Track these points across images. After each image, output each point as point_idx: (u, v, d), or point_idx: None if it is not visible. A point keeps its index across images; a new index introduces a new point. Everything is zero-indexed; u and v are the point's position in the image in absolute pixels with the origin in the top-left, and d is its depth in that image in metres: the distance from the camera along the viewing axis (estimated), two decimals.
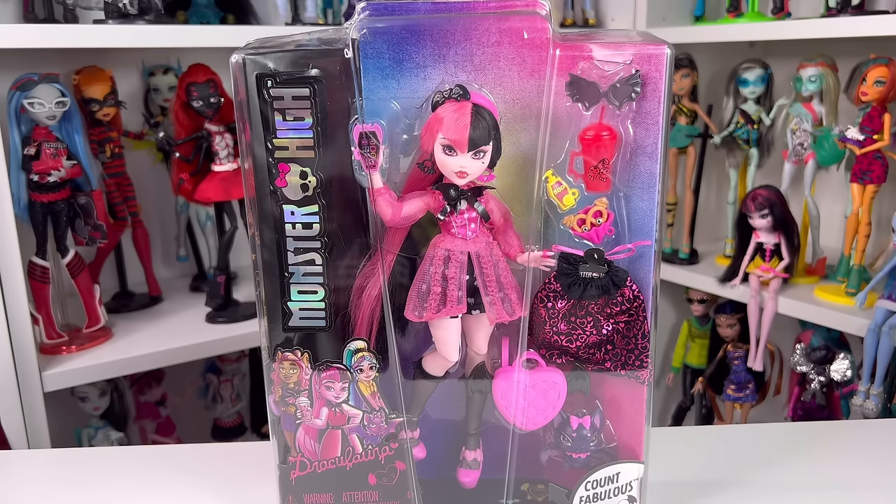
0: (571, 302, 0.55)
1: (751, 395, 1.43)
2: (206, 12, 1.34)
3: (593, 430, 0.59)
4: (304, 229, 0.53)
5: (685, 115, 1.43)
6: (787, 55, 1.45)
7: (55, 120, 1.09)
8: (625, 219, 0.54)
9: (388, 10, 0.51)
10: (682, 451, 0.74)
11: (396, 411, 0.58)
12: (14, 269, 1.04)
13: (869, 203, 1.20)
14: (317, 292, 0.55)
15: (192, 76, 1.24)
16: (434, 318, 0.55)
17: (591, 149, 0.52)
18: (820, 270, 1.35)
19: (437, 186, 0.53)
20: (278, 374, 0.56)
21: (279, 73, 0.50)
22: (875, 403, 1.16)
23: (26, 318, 1.06)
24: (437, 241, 0.54)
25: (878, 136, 1.16)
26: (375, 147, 0.51)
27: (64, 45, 1.06)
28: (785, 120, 1.34)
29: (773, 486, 0.69)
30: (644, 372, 0.57)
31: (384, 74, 0.51)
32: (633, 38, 0.53)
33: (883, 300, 1.11)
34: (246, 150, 0.52)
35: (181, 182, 1.29)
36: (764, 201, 1.27)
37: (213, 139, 1.27)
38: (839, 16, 1.20)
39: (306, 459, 0.58)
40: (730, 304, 1.44)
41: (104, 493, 0.70)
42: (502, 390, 0.57)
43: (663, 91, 0.51)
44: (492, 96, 0.52)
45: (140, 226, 1.36)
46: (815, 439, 0.78)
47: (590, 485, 0.59)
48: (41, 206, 1.11)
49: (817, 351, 1.30)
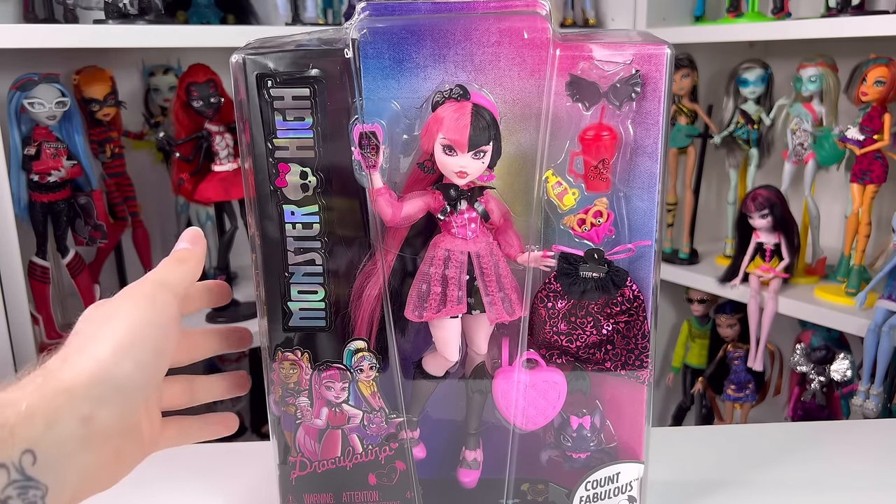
0: (571, 302, 0.55)
1: (751, 395, 1.43)
2: (206, 12, 1.34)
3: (593, 430, 0.59)
4: (304, 229, 0.53)
5: (685, 115, 1.43)
6: (787, 55, 1.45)
7: (55, 120, 1.09)
8: (625, 219, 0.54)
9: (388, 10, 0.51)
10: (682, 451, 0.74)
11: (396, 411, 0.58)
12: (14, 269, 1.04)
13: (869, 203, 1.20)
14: (317, 292, 0.55)
15: (192, 76, 1.24)
16: (434, 318, 0.55)
17: (591, 149, 0.52)
18: (820, 270, 1.35)
19: (437, 186, 0.54)
20: (278, 374, 0.56)
21: (279, 73, 0.50)
22: (875, 403, 1.16)
23: (26, 318, 1.06)
24: (437, 241, 0.54)
25: (878, 136, 1.16)
26: (375, 147, 0.51)
27: (64, 45, 1.06)
28: (785, 120, 1.34)
29: (773, 486, 0.69)
30: (644, 372, 0.57)
31: (384, 74, 0.51)
32: (633, 38, 0.53)
33: (883, 300, 1.11)
34: (246, 150, 0.52)
35: (181, 182, 1.29)
36: (764, 201, 1.27)
37: (213, 139, 1.27)
38: (839, 16, 1.21)
39: (306, 459, 0.58)
40: (730, 304, 1.44)
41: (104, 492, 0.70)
42: (502, 390, 0.57)
43: (663, 91, 0.51)
44: (492, 96, 0.52)
45: (140, 226, 1.36)
46: (815, 439, 0.78)
47: (590, 485, 0.59)
48: (41, 206, 1.11)
49: (817, 351, 1.30)
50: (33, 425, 0.38)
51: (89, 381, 0.41)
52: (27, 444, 0.38)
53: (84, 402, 0.41)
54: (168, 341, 0.47)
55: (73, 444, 0.40)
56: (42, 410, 0.39)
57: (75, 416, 0.40)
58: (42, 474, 0.38)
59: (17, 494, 0.37)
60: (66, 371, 0.41)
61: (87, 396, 0.41)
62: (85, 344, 0.43)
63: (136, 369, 0.43)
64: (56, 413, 0.39)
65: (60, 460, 0.39)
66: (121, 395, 0.43)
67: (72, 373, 0.41)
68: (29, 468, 0.38)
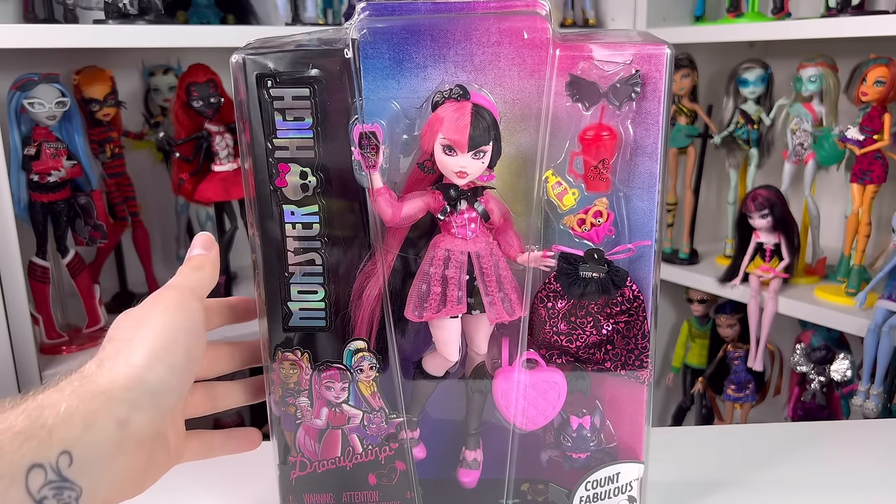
0: (571, 302, 0.55)
1: (751, 395, 1.43)
2: (206, 12, 1.34)
3: (593, 430, 0.59)
4: (304, 229, 0.53)
5: (685, 115, 1.43)
6: (787, 55, 1.45)
7: (55, 120, 1.09)
8: (625, 219, 0.54)
9: (388, 10, 0.51)
10: (682, 451, 0.74)
11: (396, 411, 0.58)
12: (14, 269, 1.04)
13: (869, 203, 1.20)
14: (317, 292, 0.55)
15: (192, 76, 1.24)
16: (434, 318, 0.55)
17: (591, 149, 0.52)
18: (820, 270, 1.35)
19: (437, 186, 0.53)
20: (278, 374, 0.56)
21: (279, 73, 0.50)
22: (875, 403, 1.16)
23: (26, 318, 1.06)
24: (436, 241, 0.54)
25: (878, 136, 1.16)
26: (375, 147, 0.51)
27: (64, 45, 1.05)
28: (785, 120, 1.34)
29: (773, 486, 0.69)
30: (644, 372, 0.57)
31: (384, 74, 0.51)
32: (633, 38, 0.53)
33: (883, 300, 1.11)
34: (246, 150, 0.52)
35: (181, 182, 1.29)
36: (764, 201, 1.27)
37: (213, 139, 1.27)
38: (839, 16, 1.21)
39: (306, 459, 0.58)
40: (730, 304, 1.44)
41: None
42: (502, 390, 0.57)
43: (663, 91, 0.51)
44: (492, 96, 0.52)
45: (140, 226, 1.36)
46: (815, 439, 0.78)
47: (590, 485, 0.59)
48: (41, 206, 1.11)
49: (817, 351, 1.30)
50: (71, 427, 0.39)
51: (125, 385, 0.42)
52: (65, 446, 0.38)
53: (121, 405, 0.41)
54: (198, 346, 0.47)
55: (109, 447, 0.40)
56: (80, 412, 0.39)
57: (112, 419, 0.41)
58: (78, 476, 0.39)
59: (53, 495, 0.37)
60: (103, 375, 0.42)
61: (124, 400, 0.41)
62: (119, 350, 0.44)
63: (170, 374, 0.44)
64: (93, 415, 0.40)
65: (96, 463, 0.40)
66: (155, 400, 0.43)
67: (108, 377, 0.42)
68: (65, 469, 0.38)
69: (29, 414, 0.38)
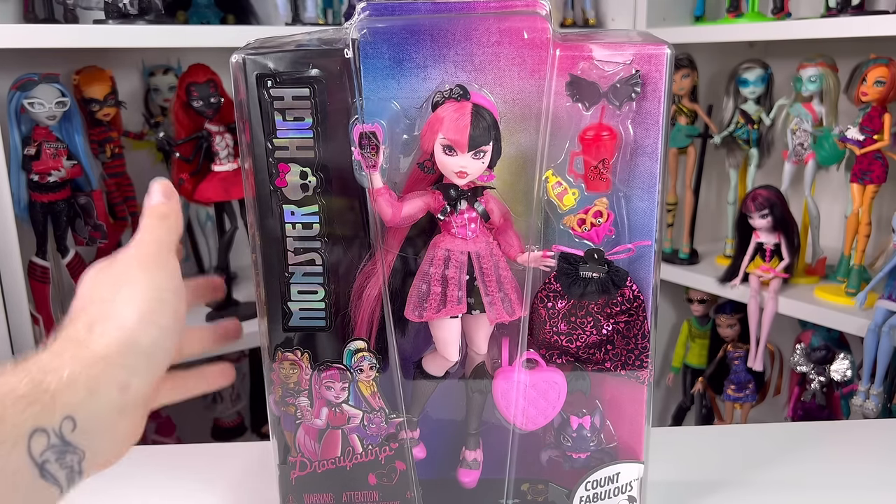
0: (571, 302, 0.55)
1: (751, 395, 1.43)
2: (206, 12, 1.34)
3: (593, 430, 0.59)
4: (304, 229, 0.53)
5: (685, 115, 1.43)
6: (787, 55, 1.45)
7: (55, 120, 1.09)
8: (625, 219, 0.54)
9: (388, 10, 0.51)
10: (682, 451, 0.74)
11: (396, 411, 0.58)
12: (14, 269, 1.04)
13: (869, 203, 1.20)
14: (317, 292, 0.55)
15: (192, 76, 1.24)
16: (434, 318, 0.55)
17: (591, 149, 0.52)
18: (820, 270, 1.35)
19: (437, 186, 0.54)
20: (278, 374, 0.56)
21: (279, 73, 0.50)
22: (875, 403, 1.16)
23: (26, 318, 1.06)
24: (437, 241, 0.54)
25: (878, 136, 1.16)
26: (375, 147, 0.51)
27: (64, 45, 1.05)
28: (785, 120, 1.34)
29: (773, 486, 0.69)
30: (644, 372, 0.57)
31: (384, 74, 0.51)
32: (633, 38, 0.53)
33: (883, 300, 1.11)
34: (246, 150, 0.52)
35: (181, 182, 1.29)
36: (764, 201, 1.27)
37: (213, 139, 1.27)
38: (839, 16, 1.20)
39: (306, 459, 0.58)
40: (730, 304, 1.44)
41: (103, 493, 0.70)
42: (502, 390, 0.57)
43: (663, 91, 0.51)
44: (492, 96, 0.52)
45: None
46: (815, 439, 0.78)
47: (590, 485, 0.59)
48: (41, 206, 1.11)
49: (817, 351, 1.30)
50: (75, 392, 0.39)
51: (120, 349, 0.42)
52: (68, 411, 0.39)
53: (120, 370, 0.41)
54: (183, 304, 0.47)
55: (113, 411, 0.41)
56: (83, 378, 0.40)
57: (114, 384, 0.41)
58: (80, 440, 0.39)
59: (55, 459, 0.38)
60: (96, 340, 0.42)
61: (123, 366, 0.42)
62: (106, 313, 0.43)
63: (161, 335, 0.44)
64: (95, 381, 0.40)
65: (100, 427, 0.40)
66: (150, 362, 0.43)
67: (102, 342, 0.42)
68: (68, 434, 0.38)
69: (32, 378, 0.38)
